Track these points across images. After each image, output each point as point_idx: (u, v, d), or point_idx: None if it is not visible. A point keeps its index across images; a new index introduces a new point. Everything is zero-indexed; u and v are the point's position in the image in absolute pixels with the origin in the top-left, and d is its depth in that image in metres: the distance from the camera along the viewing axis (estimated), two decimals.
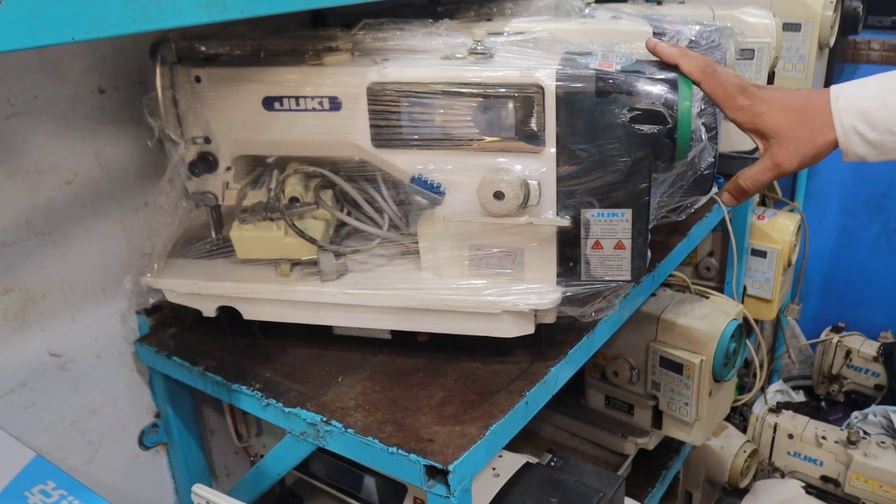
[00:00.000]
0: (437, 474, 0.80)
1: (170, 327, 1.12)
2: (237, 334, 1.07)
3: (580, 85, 0.82)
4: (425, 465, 0.80)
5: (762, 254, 1.86)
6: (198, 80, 0.94)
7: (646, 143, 0.83)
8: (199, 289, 1.01)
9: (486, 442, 0.83)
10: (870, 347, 2.22)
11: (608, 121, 0.83)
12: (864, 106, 0.79)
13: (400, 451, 0.82)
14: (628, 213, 0.87)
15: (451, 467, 0.78)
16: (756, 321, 1.98)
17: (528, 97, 0.83)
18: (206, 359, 1.03)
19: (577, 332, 1.02)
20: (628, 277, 0.90)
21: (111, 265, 1.08)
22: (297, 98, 0.91)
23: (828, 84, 1.92)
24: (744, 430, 2.03)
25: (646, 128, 0.82)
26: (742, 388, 2.24)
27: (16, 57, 0.92)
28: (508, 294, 0.91)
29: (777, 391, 2.41)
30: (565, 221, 0.87)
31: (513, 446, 1.01)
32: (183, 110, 0.96)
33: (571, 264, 0.91)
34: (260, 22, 1.00)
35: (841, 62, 2.11)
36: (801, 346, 2.45)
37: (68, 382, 1.06)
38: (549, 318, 0.95)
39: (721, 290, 1.80)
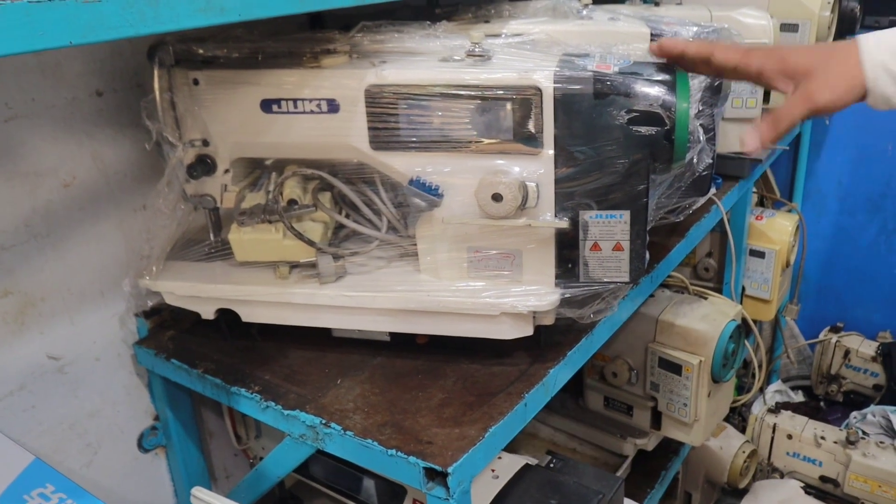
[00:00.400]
0: (437, 476, 0.80)
1: (168, 330, 1.11)
2: (236, 337, 1.07)
3: (578, 87, 0.82)
4: (424, 468, 0.80)
5: (760, 254, 1.86)
6: (196, 82, 0.94)
7: (644, 145, 0.83)
8: (198, 291, 1.01)
9: (485, 444, 0.83)
10: (868, 347, 2.22)
11: (606, 122, 0.83)
12: (894, 43, 0.77)
13: (399, 453, 0.82)
14: (626, 214, 0.87)
15: (450, 469, 0.78)
16: (754, 322, 1.98)
17: (526, 99, 0.83)
18: (205, 361, 1.03)
19: (575, 333, 1.02)
20: (627, 279, 0.90)
21: (109, 268, 1.08)
22: (294, 100, 0.91)
23: None
24: (743, 431, 2.03)
25: (643, 129, 0.82)
26: (741, 389, 2.24)
27: (13, 60, 0.92)
28: (507, 296, 0.91)
29: (776, 391, 2.41)
30: (563, 223, 0.87)
31: (512, 448, 1.01)
32: (181, 113, 0.96)
33: (570, 266, 0.91)
34: (258, 24, 1.00)
35: None
36: (799, 346, 2.45)
37: (67, 385, 1.06)
38: (548, 320, 0.95)
39: (719, 291, 1.80)
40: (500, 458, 1.03)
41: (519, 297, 0.90)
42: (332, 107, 0.90)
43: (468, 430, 0.85)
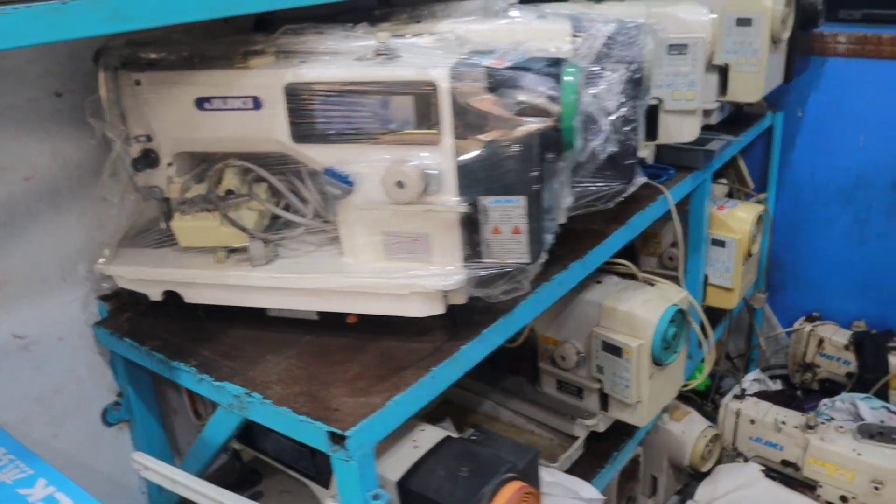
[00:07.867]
0: (340, 440, 0.87)
1: (126, 312, 1.20)
2: (186, 318, 1.15)
3: (471, 81, 0.89)
4: (328, 431, 0.87)
5: (721, 243, 1.90)
6: (138, 83, 1.03)
7: (532, 135, 0.89)
8: (144, 274, 1.10)
9: (386, 411, 0.90)
10: (841, 336, 2.25)
11: (497, 113, 0.89)
12: None
13: (308, 418, 0.90)
14: (522, 199, 0.93)
15: (348, 433, 0.86)
16: (719, 310, 2.03)
17: (424, 93, 0.91)
18: (154, 339, 1.12)
19: (495, 313, 1.09)
20: (527, 259, 0.97)
21: (70, 255, 1.17)
22: (224, 98, 1.00)
23: (787, 77, 1.97)
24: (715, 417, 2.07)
25: (532, 120, 0.89)
26: (713, 376, 2.29)
27: None
28: (416, 276, 0.98)
29: (754, 380, 2.44)
30: (462, 208, 0.94)
31: None
32: (125, 111, 1.05)
33: (476, 248, 0.98)
34: (196, 28, 1.08)
35: (807, 56, 2.14)
36: (776, 334, 2.48)
37: (32, 362, 1.15)
38: (460, 299, 1.02)
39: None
40: (422, 430, 1.10)
41: (427, 278, 0.97)
42: (257, 103, 0.98)
43: (374, 399, 0.92)
